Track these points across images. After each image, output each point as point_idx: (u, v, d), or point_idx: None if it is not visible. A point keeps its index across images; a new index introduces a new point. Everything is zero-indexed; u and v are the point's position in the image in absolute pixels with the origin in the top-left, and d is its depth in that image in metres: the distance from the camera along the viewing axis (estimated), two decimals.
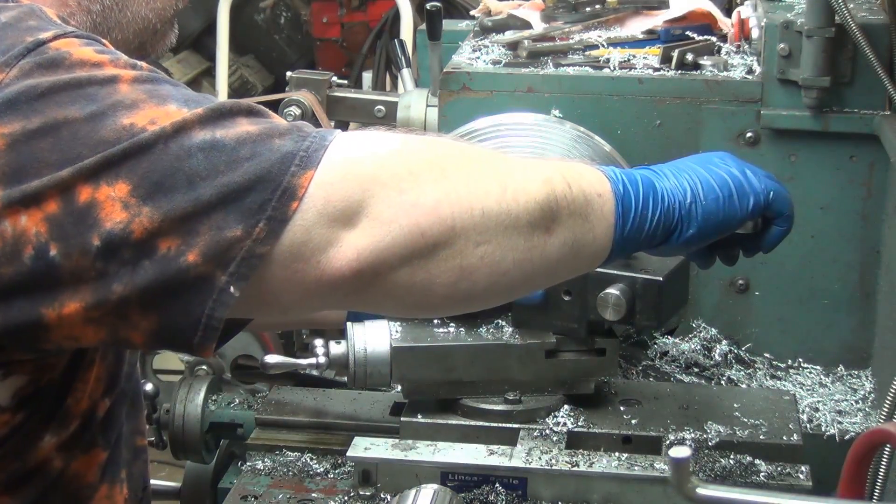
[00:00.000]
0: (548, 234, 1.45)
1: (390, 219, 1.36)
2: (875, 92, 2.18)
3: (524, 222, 1.43)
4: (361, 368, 1.86)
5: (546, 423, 1.88)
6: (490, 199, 1.41)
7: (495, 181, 1.43)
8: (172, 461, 2.25)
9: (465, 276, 1.42)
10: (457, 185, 1.40)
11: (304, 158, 1.36)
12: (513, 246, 1.43)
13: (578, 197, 1.48)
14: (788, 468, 1.81)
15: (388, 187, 1.37)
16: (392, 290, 1.41)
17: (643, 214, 1.54)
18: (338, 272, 1.36)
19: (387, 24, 5.94)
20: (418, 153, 1.42)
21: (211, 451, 2.16)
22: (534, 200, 1.44)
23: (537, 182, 1.45)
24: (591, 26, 2.51)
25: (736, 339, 2.32)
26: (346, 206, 1.35)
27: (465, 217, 1.39)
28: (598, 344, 1.92)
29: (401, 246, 1.37)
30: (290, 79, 2.85)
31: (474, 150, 1.50)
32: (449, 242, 1.39)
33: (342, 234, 1.35)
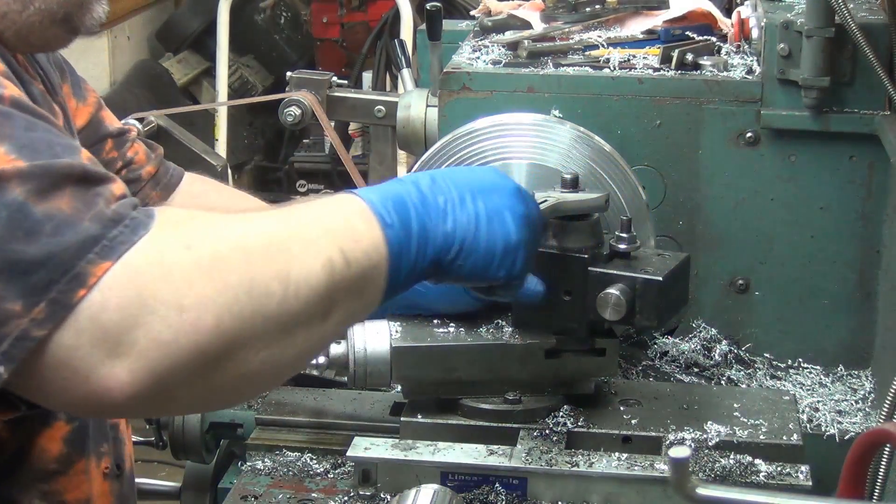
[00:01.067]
0: (325, 320, 1.43)
1: (169, 341, 1.31)
2: (875, 92, 2.18)
3: (304, 317, 1.41)
4: (361, 368, 1.86)
5: (546, 423, 1.88)
6: (272, 302, 1.37)
7: (276, 281, 1.38)
8: (172, 461, 2.25)
9: (247, 382, 1.40)
10: (238, 294, 1.35)
11: (106, 248, 1.31)
12: (293, 342, 1.41)
13: (356, 275, 1.46)
14: (788, 468, 1.81)
15: (168, 306, 1.31)
16: (170, 405, 1.39)
17: (411, 272, 1.54)
18: (109, 392, 1.31)
19: (387, 24, 5.95)
20: (200, 256, 1.35)
21: (211, 451, 2.16)
22: (314, 292, 1.41)
23: (318, 270, 1.41)
24: (591, 26, 2.51)
25: (736, 339, 2.32)
26: (120, 322, 1.30)
27: (246, 329, 1.35)
28: (598, 344, 1.92)
29: (181, 368, 1.32)
30: (290, 79, 2.85)
31: (255, 238, 1.42)
32: (229, 356, 1.35)
33: (112, 358, 1.30)
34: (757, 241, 2.30)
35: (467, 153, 2.21)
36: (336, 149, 2.95)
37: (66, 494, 1.75)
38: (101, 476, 1.81)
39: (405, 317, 1.94)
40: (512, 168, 2.20)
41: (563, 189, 1.90)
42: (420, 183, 1.59)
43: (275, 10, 6.43)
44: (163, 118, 2.87)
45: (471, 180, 1.63)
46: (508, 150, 2.21)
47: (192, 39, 6.28)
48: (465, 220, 1.58)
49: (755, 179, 2.27)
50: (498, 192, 1.63)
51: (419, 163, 2.26)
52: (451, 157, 2.21)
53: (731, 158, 2.27)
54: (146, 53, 6.22)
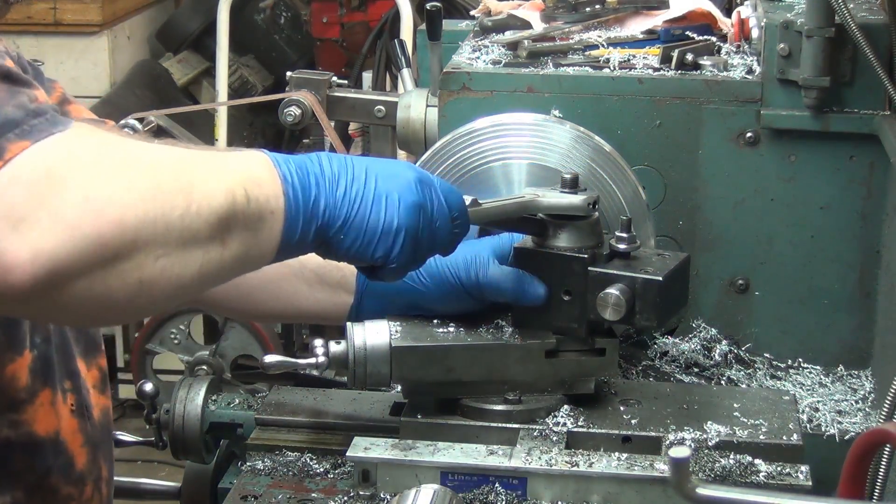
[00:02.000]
0: (223, 246, 1.50)
1: (73, 223, 1.35)
2: (875, 92, 2.18)
3: (204, 236, 1.47)
4: (361, 368, 1.86)
5: (546, 423, 1.88)
6: (174, 213, 1.43)
7: (181, 194, 1.45)
8: (172, 461, 2.25)
9: (144, 290, 1.43)
10: (144, 195, 1.41)
11: (25, 131, 1.37)
12: (192, 259, 1.46)
13: (254, 212, 1.53)
14: (788, 468, 1.81)
15: (76, 192, 1.36)
16: (68, 302, 1.40)
17: (303, 236, 1.61)
18: (9, 271, 1.34)
19: (387, 24, 5.94)
20: (112, 157, 1.43)
21: (211, 451, 2.16)
22: (215, 214, 1.48)
23: (220, 194, 1.49)
24: (591, 26, 2.51)
25: (736, 339, 2.32)
26: (28, 199, 1.34)
27: (148, 230, 1.40)
28: (598, 344, 1.92)
29: (80, 253, 1.36)
30: (290, 79, 2.85)
31: (166, 156, 1.52)
32: (130, 255, 1.39)
33: (19, 230, 1.33)
34: (757, 241, 2.30)
35: (467, 153, 2.21)
36: (336, 149, 2.95)
37: (35, 425, 1.79)
38: (69, 413, 1.84)
39: (405, 317, 1.94)
40: (512, 168, 2.20)
41: (561, 189, 1.90)
42: (322, 157, 1.67)
43: (275, 10, 6.43)
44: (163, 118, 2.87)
45: (373, 163, 1.70)
46: (508, 150, 2.21)
47: (192, 39, 6.27)
48: (354, 193, 1.64)
49: (755, 179, 2.27)
50: (395, 177, 1.68)
51: (419, 163, 2.26)
52: (450, 157, 2.22)
53: (731, 158, 2.27)
54: (146, 53, 6.22)
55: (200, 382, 2.11)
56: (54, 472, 1.83)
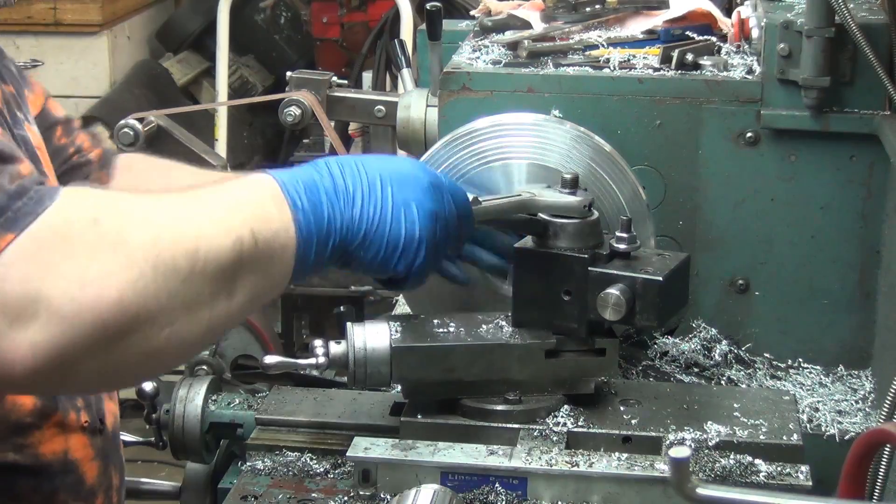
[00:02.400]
0: (230, 297, 1.44)
1: (71, 314, 1.31)
2: (875, 92, 2.18)
3: (209, 294, 1.41)
4: (361, 368, 1.86)
5: (546, 423, 1.88)
6: (178, 278, 1.37)
7: (184, 258, 1.38)
8: (172, 461, 2.25)
9: (151, 360, 1.39)
10: (144, 269, 1.34)
11: (9, 220, 1.31)
12: (198, 320, 1.41)
13: (263, 253, 1.47)
14: (788, 468, 1.81)
15: (71, 279, 1.31)
16: (74, 382, 1.38)
17: (319, 256, 1.57)
18: (10, 365, 1.31)
19: (387, 24, 5.95)
20: (106, 231, 1.35)
21: (211, 451, 2.16)
22: (220, 268, 1.42)
23: (226, 245, 1.42)
24: (591, 26, 2.51)
25: (736, 339, 2.32)
26: (22, 294, 1.30)
27: (150, 305, 1.35)
28: (598, 344, 1.92)
29: (81, 340, 1.32)
30: (290, 79, 2.85)
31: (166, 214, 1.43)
32: (133, 331, 1.34)
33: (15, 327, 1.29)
34: (757, 241, 2.30)
35: (467, 153, 2.21)
36: (336, 149, 2.95)
37: (41, 447, 1.77)
38: (80, 430, 1.82)
39: (405, 317, 1.94)
40: (512, 168, 2.20)
41: (560, 188, 1.90)
42: (332, 168, 1.60)
43: (275, 10, 6.43)
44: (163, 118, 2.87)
45: (385, 168, 1.64)
46: (508, 150, 2.21)
47: (192, 39, 6.27)
48: (372, 208, 1.60)
49: (755, 179, 2.27)
50: (410, 184, 1.64)
51: None
52: (450, 157, 2.21)
53: (731, 158, 2.27)
54: (146, 53, 6.22)
55: (200, 382, 2.11)
56: (62, 491, 1.80)
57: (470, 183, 2.21)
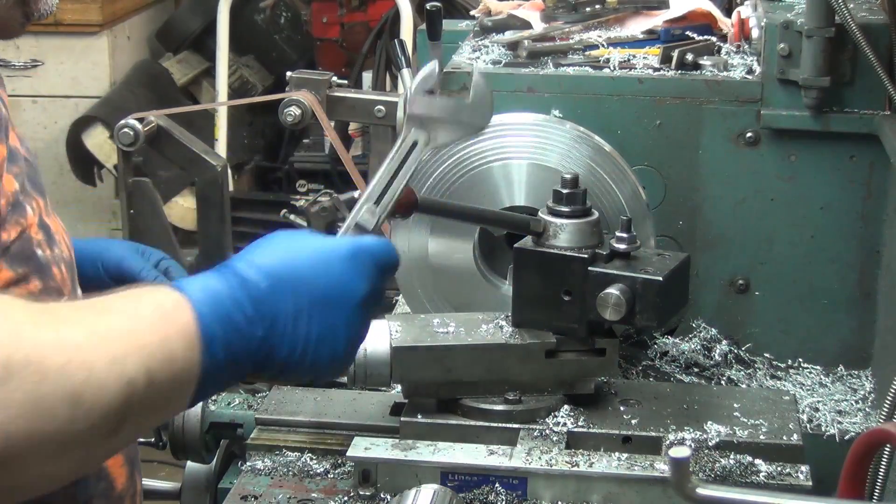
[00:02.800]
0: (112, 436, 1.34)
1: None
2: (875, 92, 2.18)
3: (89, 437, 1.31)
4: (361, 368, 1.86)
5: (546, 423, 1.88)
6: (55, 423, 1.27)
7: (67, 402, 1.28)
8: (172, 461, 2.25)
9: (16, 492, 1.32)
10: (20, 412, 1.25)
11: None
12: (72, 458, 1.32)
13: (158, 397, 1.36)
14: (788, 468, 1.81)
15: None
16: None
17: (221, 387, 1.49)
18: None
19: (387, 24, 5.95)
20: None
21: (211, 451, 2.16)
22: (106, 414, 1.31)
23: (114, 391, 1.31)
24: (591, 26, 2.51)
25: (736, 339, 2.32)
26: None
27: (20, 447, 1.26)
28: (598, 344, 1.92)
29: None
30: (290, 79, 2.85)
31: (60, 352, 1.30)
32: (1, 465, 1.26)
33: None
34: (757, 241, 2.30)
35: (467, 153, 2.21)
36: (336, 149, 2.95)
37: None
38: None
39: (405, 317, 1.94)
40: (512, 168, 2.20)
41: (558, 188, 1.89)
42: (258, 294, 1.47)
43: (275, 10, 6.43)
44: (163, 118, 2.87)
45: (315, 289, 1.51)
46: (508, 150, 2.21)
47: (192, 39, 6.27)
48: (292, 343, 1.49)
49: (755, 179, 2.27)
50: (340, 307, 1.52)
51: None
52: (450, 157, 2.22)
53: (731, 158, 2.27)
54: (146, 53, 6.22)
55: None
56: (95, 498, 1.79)
57: (470, 183, 2.21)
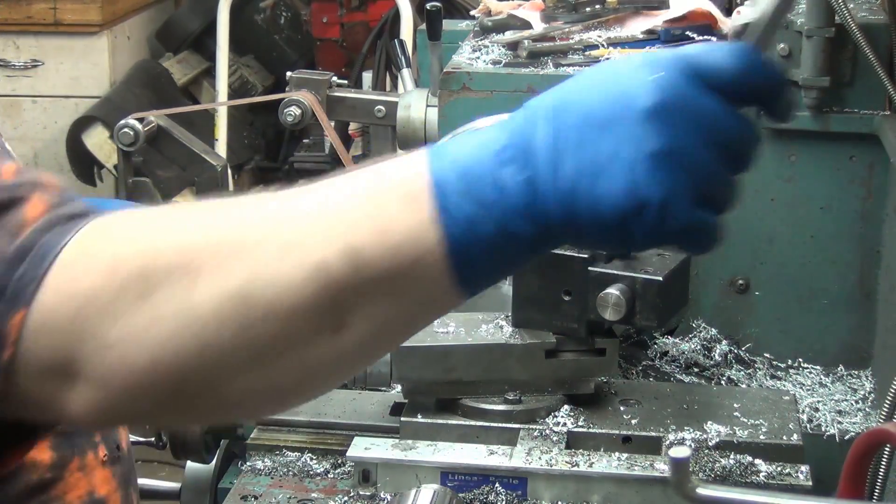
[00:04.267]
0: (337, 333, 1.11)
1: (101, 380, 1.12)
2: (875, 92, 2.18)
3: (290, 339, 1.10)
4: None
5: (546, 423, 1.88)
6: (227, 329, 1.09)
7: (234, 300, 1.09)
8: (172, 461, 2.25)
9: (233, 409, 1.19)
10: (177, 324, 1.09)
11: (14, 295, 1.11)
12: (283, 366, 1.12)
13: (378, 277, 1.09)
14: (788, 468, 1.81)
15: (94, 342, 1.11)
16: (146, 423, 1.29)
17: (499, 258, 1.11)
18: (79, 422, 1.18)
19: (387, 24, 5.94)
20: (129, 281, 1.11)
21: (211, 451, 2.16)
22: (298, 308, 1.09)
23: (299, 279, 1.08)
24: (591, 26, 2.50)
25: (736, 339, 2.32)
26: (57, 361, 1.12)
27: (193, 363, 1.11)
28: (598, 344, 1.92)
29: (127, 405, 1.14)
30: (290, 79, 2.85)
31: (213, 243, 1.12)
32: (190, 391, 1.13)
33: (65, 390, 1.13)
34: (757, 241, 2.30)
35: None
36: (336, 149, 2.95)
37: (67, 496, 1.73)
38: (101, 465, 1.79)
39: None
40: None
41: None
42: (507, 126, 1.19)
43: (275, 10, 6.43)
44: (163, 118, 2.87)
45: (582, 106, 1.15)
46: None
47: (192, 39, 6.27)
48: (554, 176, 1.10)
49: (755, 179, 2.27)
50: (614, 122, 1.09)
51: None
52: None
53: None
54: (146, 53, 6.22)
55: None
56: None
57: None
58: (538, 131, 1.15)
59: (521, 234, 1.09)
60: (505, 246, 1.10)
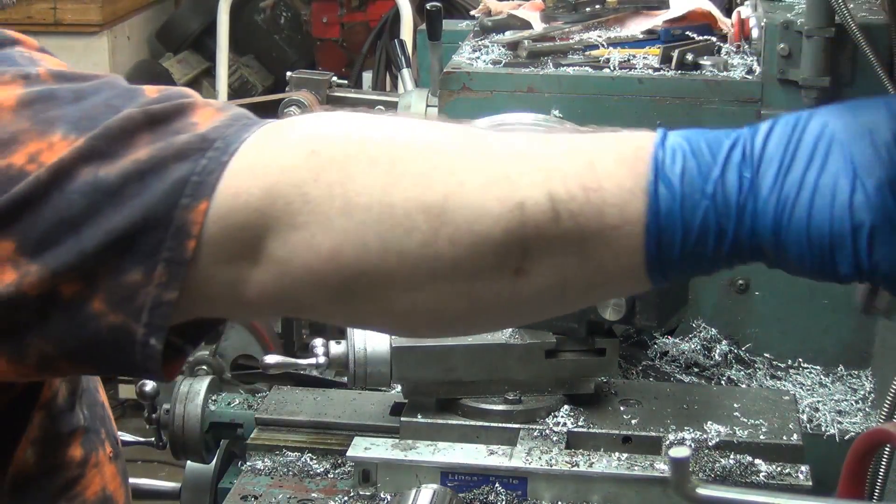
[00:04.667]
0: (517, 275, 1.10)
1: (284, 260, 1.13)
2: (875, 92, 2.18)
3: (469, 268, 1.10)
4: (361, 368, 1.86)
5: (546, 423, 1.88)
6: (411, 241, 1.09)
7: (424, 213, 1.08)
8: (172, 461, 2.25)
9: (396, 320, 1.18)
10: (366, 220, 1.09)
11: (196, 185, 1.13)
12: (457, 292, 1.12)
13: (571, 231, 1.08)
14: (788, 468, 1.81)
15: (281, 221, 1.12)
16: (323, 318, 1.25)
17: (698, 248, 1.08)
18: (251, 306, 1.19)
19: (387, 24, 5.95)
20: (323, 164, 1.11)
21: (211, 451, 2.16)
22: (482, 241, 1.08)
23: (493, 213, 1.07)
24: (591, 26, 2.51)
25: (736, 339, 2.32)
26: (243, 242, 1.14)
27: (372, 264, 1.11)
28: (598, 344, 1.92)
29: (304, 289, 1.15)
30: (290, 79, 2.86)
31: (417, 148, 1.12)
32: (362, 289, 1.13)
33: (246, 272, 1.15)
34: None
35: None
36: None
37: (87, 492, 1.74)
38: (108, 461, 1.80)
39: None
40: None
41: None
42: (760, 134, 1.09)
43: (275, 10, 6.43)
44: None
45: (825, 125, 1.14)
46: None
47: (192, 39, 6.27)
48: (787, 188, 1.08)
49: None
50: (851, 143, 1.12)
51: None
52: None
53: None
54: (146, 53, 6.22)
55: (200, 382, 2.11)
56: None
57: None
58: (773, 138, 1.10)
59: (725, 233, 1.08)
60: (708, 242, 1.08)
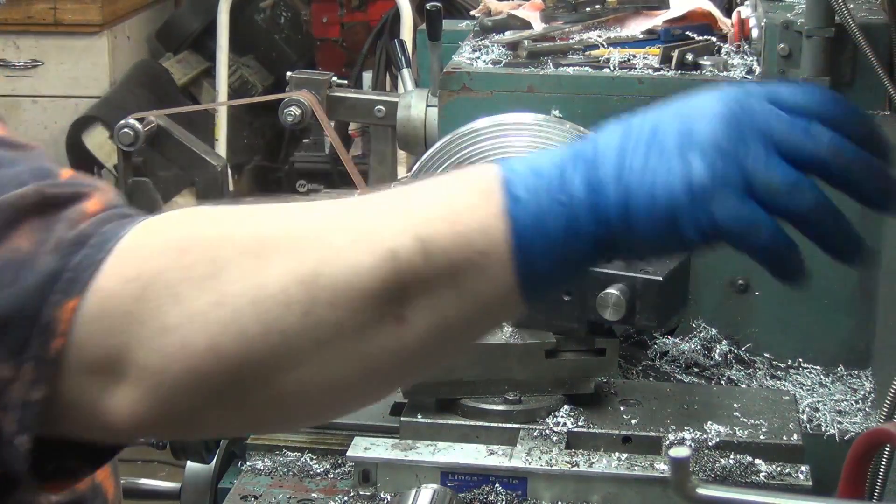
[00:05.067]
0: (399, 324, 1.10)
1: (159, 368, 1.08)
2: (875, 92, 2.18)
3: (350, 328, 1.09)
4: None
5: (546, 423, 1.88)
6: (292, 314, 1.08)
7: (298, 287, 1.07)
8: (172, 461, 2.25)
9: (289, 405, 1.14)
10: (241, 307, 1.07)
11: (69, 281, 1.08)
12: (345, 356, 1.10)
13: (444, 267, 1.09)
14: (788, 468, 1.81)
15: (152, 326, 1.08)
16: (195, 429, 1.22)
17: (562, 257, 1.11)
18: (120, 427, 1.12)
19: (387, 24, 5.95)
20: (194, 263, 1.09)
21: (211, 451, 2.16)
22: (362, 295, 1.08)
23: (366, 266, 1.08)
24: (591, 26, 2.51)
25: (736, 339, 2.32)
26: (109, 353, 1.09)
27: (257, 348, 1.08)
28: (598, 344, 1.92)
29: (185, 396, 1.10)
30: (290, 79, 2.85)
31: (281, 229, 1.12)
32: (249, 379, 1.10)
33: (106, 391, 1.10)
34: None
35: (467, 153, 2.21)
36: (336, 149, 2.95)
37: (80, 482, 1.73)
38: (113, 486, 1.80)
39: None
40: None
41: None
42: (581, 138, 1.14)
43: (275, 10, 6.43)
44: (163, 118, 2.87)
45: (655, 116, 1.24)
46: (508, 150, 2.21)
47: (192, 39, 6.27)
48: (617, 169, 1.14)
49: None
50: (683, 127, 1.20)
51: (419, 163, 2.26)
52: (451, 158, 2.22)
53: None
54: (146, 53, 6.22)
55: None
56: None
57: None
58: (610, 137, 1.18)
59: (585, 232, 1.11)
60: (569, 244, 1.11)
